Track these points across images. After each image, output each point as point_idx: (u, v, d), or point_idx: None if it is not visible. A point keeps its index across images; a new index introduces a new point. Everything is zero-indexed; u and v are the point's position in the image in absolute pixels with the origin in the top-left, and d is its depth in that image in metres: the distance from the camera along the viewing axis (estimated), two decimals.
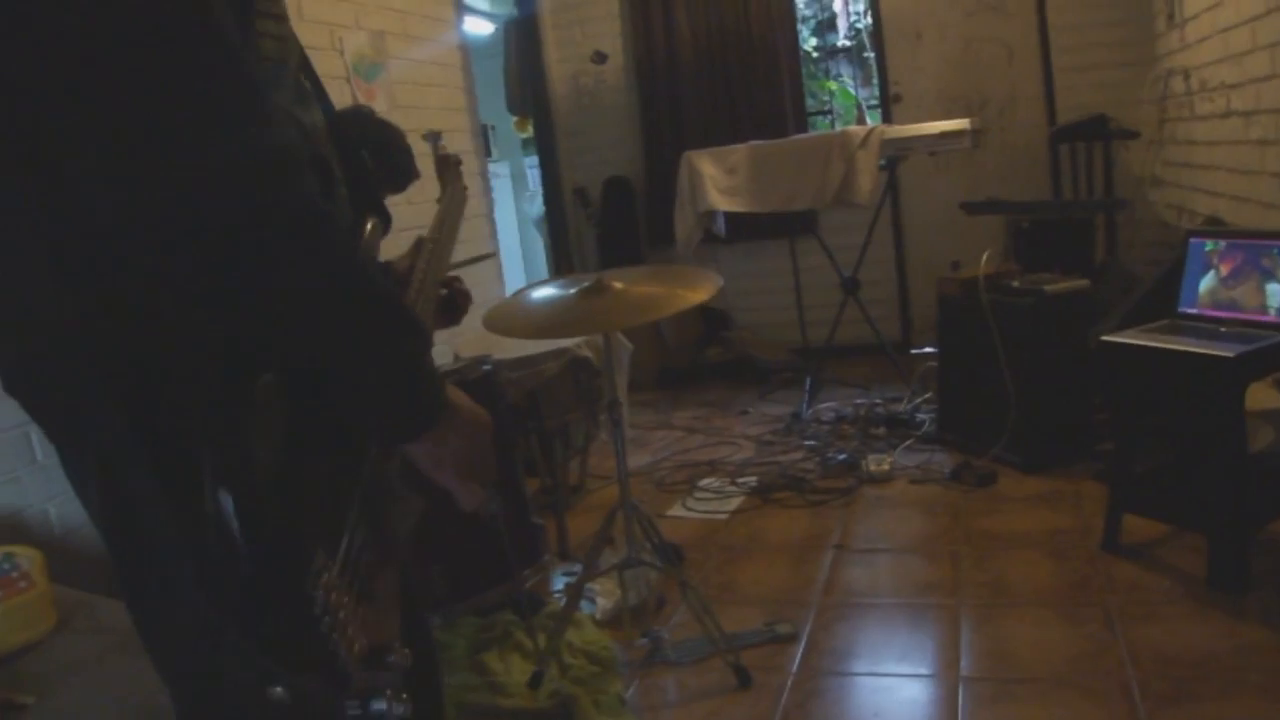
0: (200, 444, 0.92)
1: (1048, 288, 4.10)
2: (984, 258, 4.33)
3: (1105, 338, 3.21)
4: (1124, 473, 3.28)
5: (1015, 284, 4.22)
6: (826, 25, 8.63)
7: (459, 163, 1.97)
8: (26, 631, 2.00)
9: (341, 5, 4.62)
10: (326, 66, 4.39)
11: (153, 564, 0.98)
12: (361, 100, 4.56)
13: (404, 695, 1.05)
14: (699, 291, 2.60)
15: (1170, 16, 5.11)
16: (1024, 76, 6.24)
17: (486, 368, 2.75)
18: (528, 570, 2.78)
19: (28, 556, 2.13)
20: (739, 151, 5.40)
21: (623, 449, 2.78)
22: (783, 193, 5.32)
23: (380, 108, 4.43)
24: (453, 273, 1.82)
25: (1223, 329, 3.05)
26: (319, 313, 0.98)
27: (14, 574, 2.06)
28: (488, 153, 8.82)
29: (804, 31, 8.18)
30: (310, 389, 1.04)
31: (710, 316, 6.78)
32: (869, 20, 7.21)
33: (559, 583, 3.43)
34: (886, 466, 4.34)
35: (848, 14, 8.49)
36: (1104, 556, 3.26)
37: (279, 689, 0.92)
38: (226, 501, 0.91)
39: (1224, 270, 3.13)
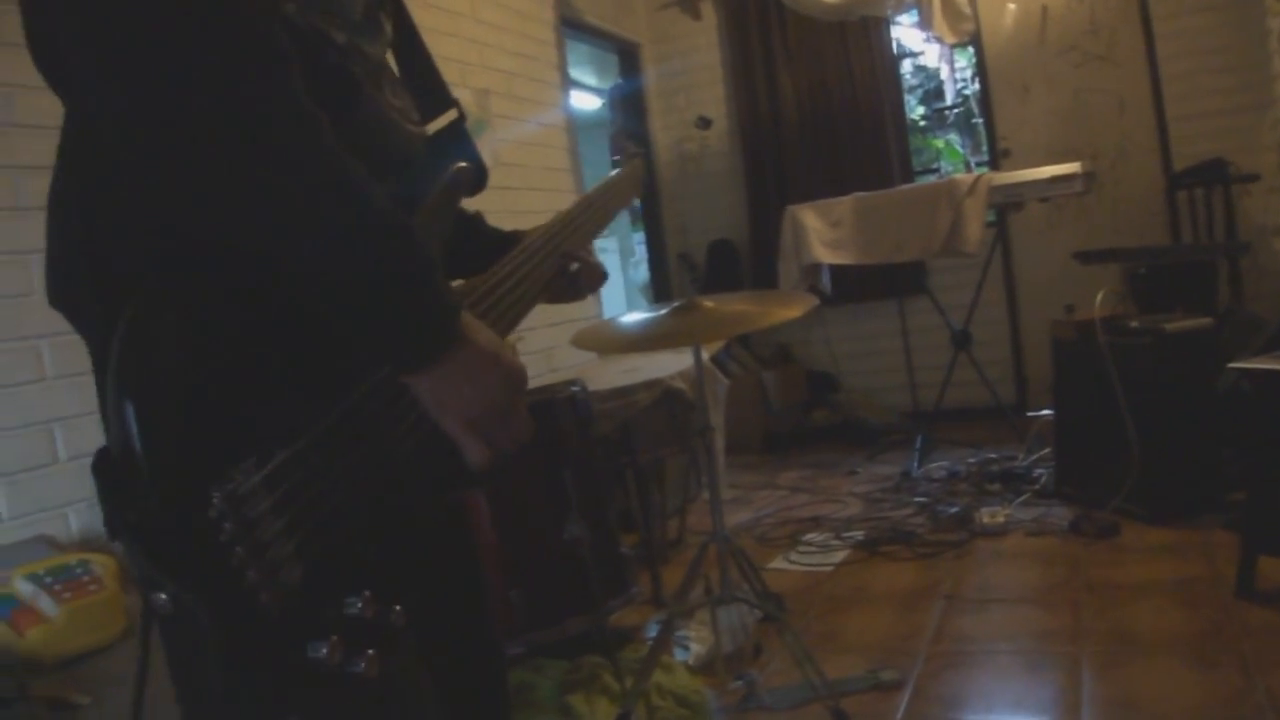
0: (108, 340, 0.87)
1: (1168, 326, 3.90)
2: (1099, 298, 4.13)
3: (1237, 364, 3.01)
4: (1260, 511, 3.04)
5: (1133, 324, 4.02)
6: (933, 94, 8.55)
7: (639, 153, 1.96)
8: (94, 634, 1.96)
9: (448, 63, 4.69)
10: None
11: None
12: None
13: (370, 653, 0.95)
14: (792, 308, 2.50)
15: None
16: (1136, 126, 6.05)
17: (575, 388, 2.67)
18: (614, 601, 2.66)
19: (102, 563, 2.10)
20: (843, 204, 5.31)
21: (716, 476, 2.66)
22: (889, 244, 5.19)
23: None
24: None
25: None
26: (286, 210, 0.93)
27: (85, 577, 2.03)
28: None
29: (911, 101, 8.12)
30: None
31: (816, 379, 6.65)
32: (976, 85, 7.13)
33: (652, 630, 3.30)
34: (1001, 519, 4.13)
35: (954, 79, 8.39)
36: (1238, 603, 3.01)
37: (162, 595, 0.85)
38: (128, 406, 0.85)
39: None
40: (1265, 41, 5.31)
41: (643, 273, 7.85)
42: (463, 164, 1.32)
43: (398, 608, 1.01)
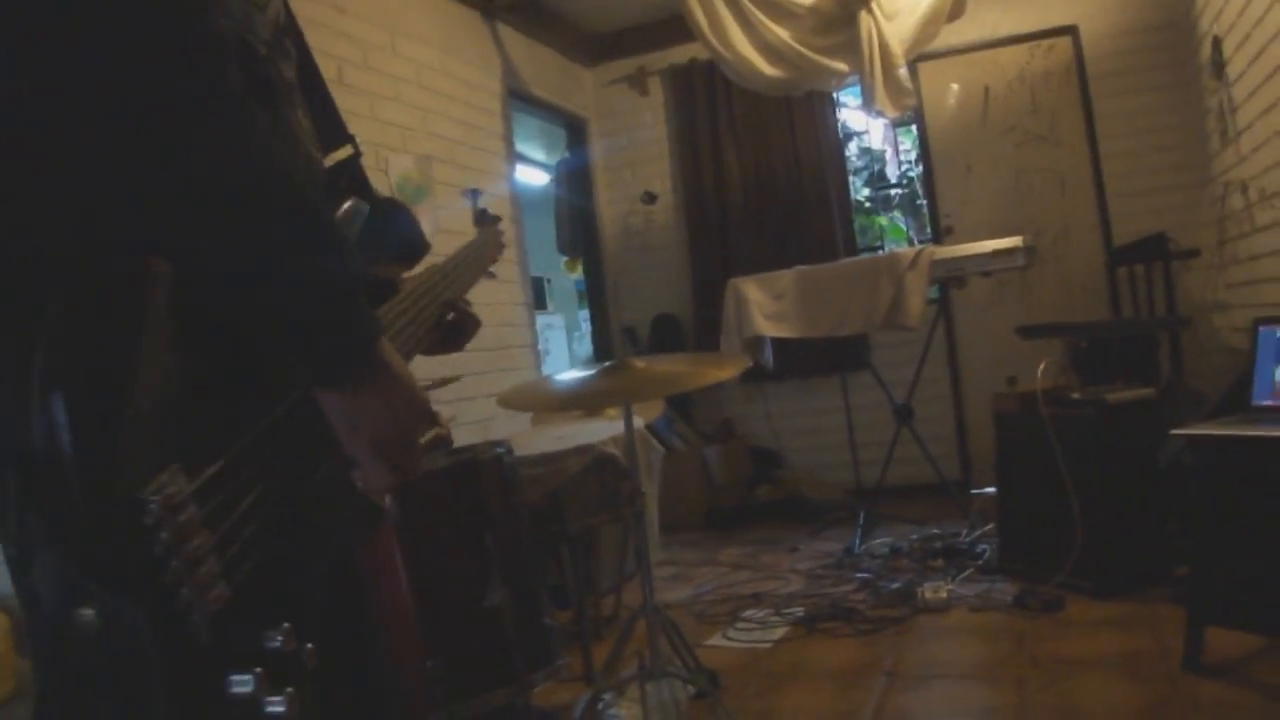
0: (35, 335, 0.79)
1: (1110, 397, 3.86)
2: (1040, 369, 4.09)
3: (1180, 431, 2.96)
4: (1205, 582, 2.97)
5: (1075, 396, 3.98)
6: (878, 176, 8.63)
7: (498, 219, 1.96)
8: None
9: (389, 128, 4.64)
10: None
11: None
12: None
13: (290, 691, 0.86)
14: (725, 369, 2.43)
15: (1223, 133, 4.96)
16: (1078, 204, 6.12)
17: (500, 449, 2.56)
18: (537, 674, 2.53)
19: None
20: (786, 277, 5.27)
21: (646, 545, 2.55)
22: (831, 317, 5.15)
23: (425, 231, 4.40)
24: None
25: None
26: (220, 206, 0.90)
27: None
28: (542, 305, 8.87)
29: (856, 182, 8.18)
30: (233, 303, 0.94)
31: (759, 455, 6.57)
32: (920, 166, 7.20)
33: (580, 707, 3.16)
34: (944, 594, 4.03)
35: (899, 161, 8.49)
36: (1186, 677, 2.92)
37: (88, 611, 0.75)
38: (56, 404, 0.77)
39: None
40: (1204, 121, 5.38)
41: (586, 347, 7.78)
42: (355, 201, 1.32)
43: (309, 646, 0.94)
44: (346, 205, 1.31)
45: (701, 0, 5.29)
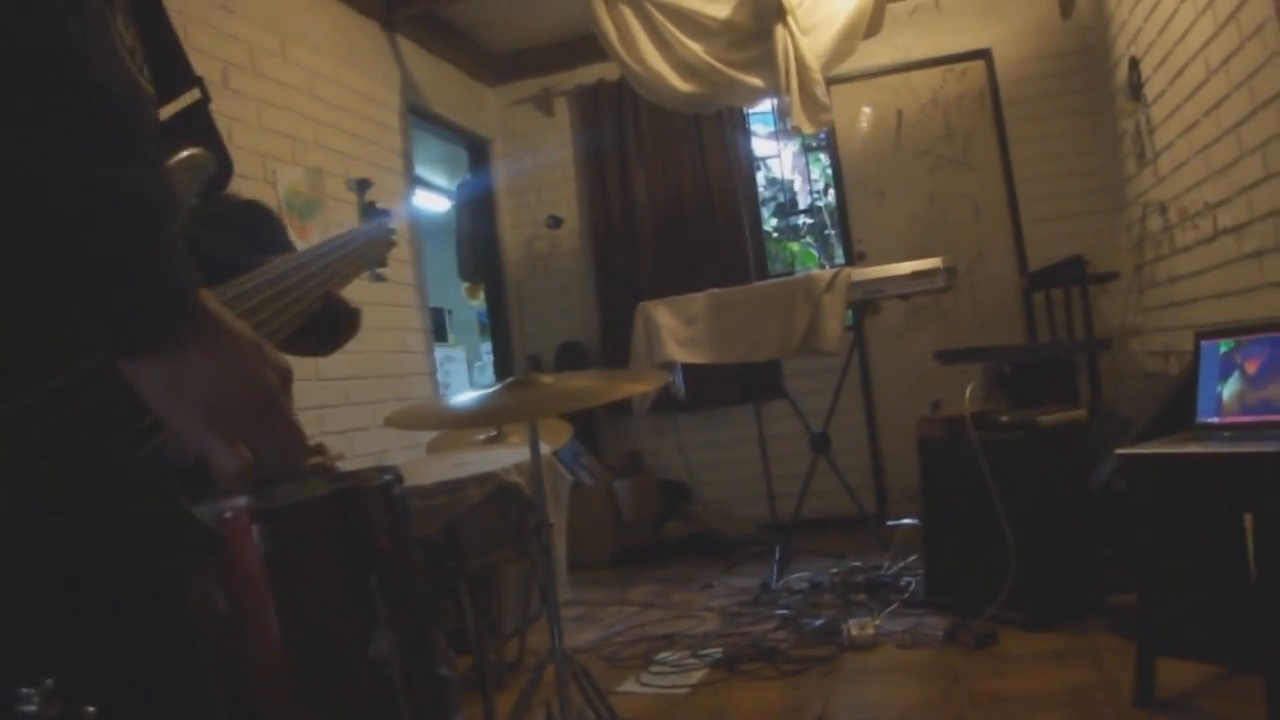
0: None
1: (1041, 420, 3.69)
2: (968, 392, 3.91)
3: (1128, 450, 2.77)
4: (1154, 612, 2.78)
5: (1004, 419, 3.80)
6: (787, 206, 8.48)
7: (387, 212, 1.74)
8: None
9: (276, 137, 4.33)
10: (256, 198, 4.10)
11: None
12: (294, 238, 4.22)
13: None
14: (642, 384, 2.18)
15: (1140, 155, 4.88)
16: (993, 229, 6.04)
17: (388, 476, 2.26)
18: None
19: None
20: (698, 300, 5.05)
21: (554, 582, 2.27)
22: (745, 342, 4.93)
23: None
24: None
25: (1266, 431, 2.61)
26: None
27: None
28: (443, 337, 8.54)
29: (764, 213, 8.03)
30: None
31: (669, 490, 6.33)
32: (829, 197, 7.08)
33: None
34: (871, 631, 3.80)
35: (809, 191, 8.35)
36: (1138, 713, 2.72)
37: None
38: None
39: (1250, 370, 2.72)
40: (1120, 144, 5.31)
41: (488, 377, 7.48)
42: (201, 149, 1.07)
43: (90, 709, 0.74)
44: (185, 154, 1.06)
45: (612, 14, 5.08)
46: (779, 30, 4.88)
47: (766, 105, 6.75)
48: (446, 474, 2.87)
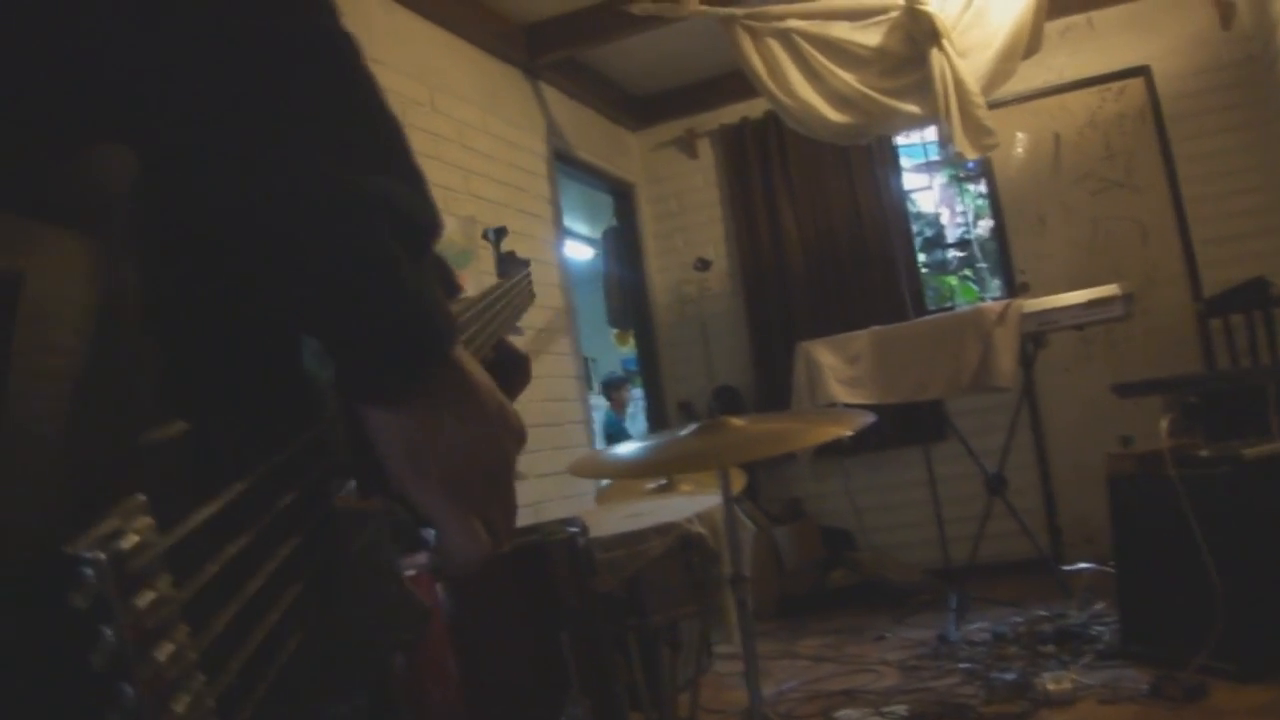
0: None
1: (1246, 452, 3.42)
2: (1163, 425, 3.65)
3: None
4: None
5: (1203, 453, 3.54)
6: (933, 241, 8.25)
7: (526, 263, 1.66)
8: None
9: (431, 189, 4.33)
10: None
11: None
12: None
13: None
14: (841, 425, 2.03)
15: None
16: (1162, 253, 5.74)
17: (573, 529, 2.16)
18: None
19: None
20: (861, 339, 4.89)
21: (752, 638, 2.13)
22: (912, 381, 4.75)
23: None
24: None
25: None
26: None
27: None
28: (590, 386, 8.51)
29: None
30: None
31: (832, 537, 6.13)
32: (978, 228, 6.86)
33: None
34: (1067, 685, 3.56)
35: (957, 223, 8.10)
36: None
37: None
38: None
39: None
40: None
41: (640, 425, 7.40)
42: None
43: None
44: None
45: (759, 49, 4.99)
46: (934, 54, 4.72)
47: (915, 137, 6.60)
48: (624, 525, 2.76)
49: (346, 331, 0.62)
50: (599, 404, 8.84)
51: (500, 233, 1.67)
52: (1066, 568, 5.15)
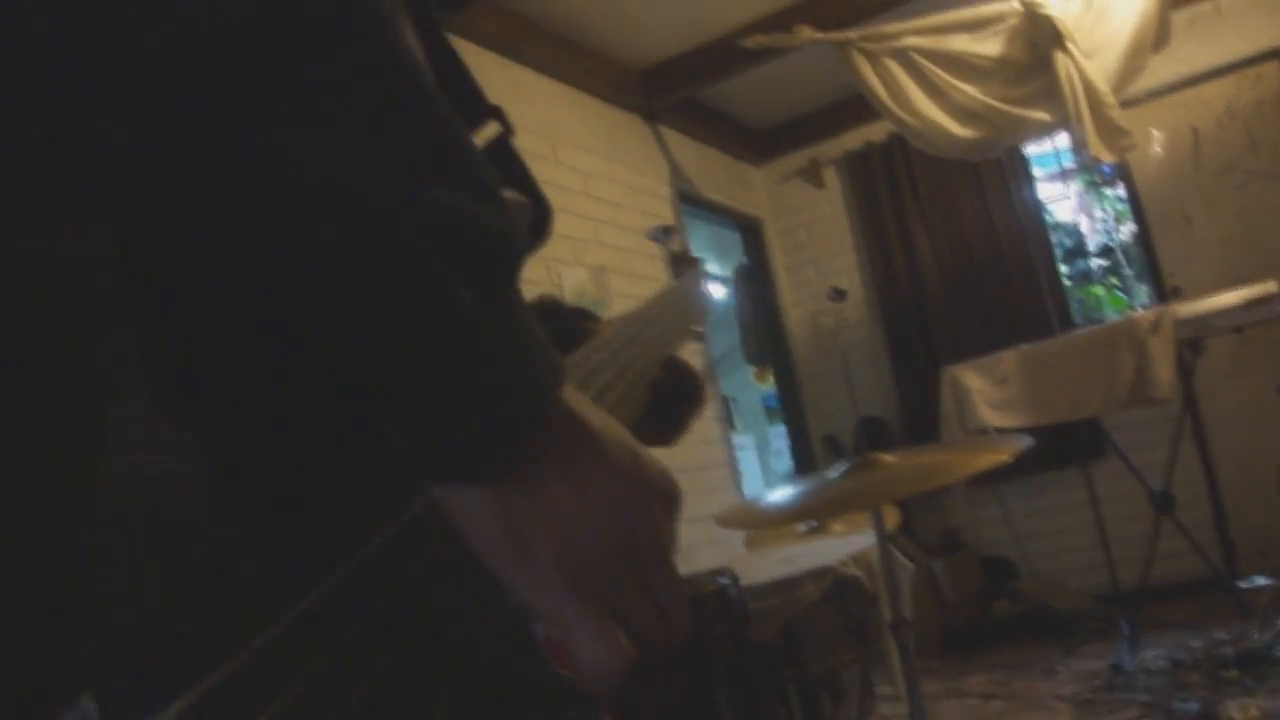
0: None
1: None
2: None
3: None
4: None
5: None
6: (1074, 251, 7.98)
7: (699, 260, 1.56)
8: None
9: (560, 241, 4.38)
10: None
11: None
12: None
13: None
14: (997, 452, 1.94)
15: None
16: None
17: (724, 580, 2.09)
18: None
19: None
20: (1008, 359, 4.72)
21: (916, 685, 2.04)
22: (1066, 400, 4.57)
23: None
24: None
25: None
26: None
27: None
28: (731, 425, 8.45)
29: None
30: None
31: (993, 566, 5.93)
32: (1120, 233, 6.61)
33: None
34: (1255, 712, 3.35)
35: (1097, 230, 7.83)
36: None
37: None
38: None
39: None
40: None
41: (784, 463, 7.30)
42: (513, 191, 0.81)
43: None
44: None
45: (878, 71, 4.90)
46: (1059, 58, 4.57)
47: (1047, 145, 6.41)
48: (777, 571, 2.69)
49: (391, 397, 0.49)
50: (745, 443, 8.77)
51: (668, 231, 1.58)
52: (1243, 584, 4.89)
